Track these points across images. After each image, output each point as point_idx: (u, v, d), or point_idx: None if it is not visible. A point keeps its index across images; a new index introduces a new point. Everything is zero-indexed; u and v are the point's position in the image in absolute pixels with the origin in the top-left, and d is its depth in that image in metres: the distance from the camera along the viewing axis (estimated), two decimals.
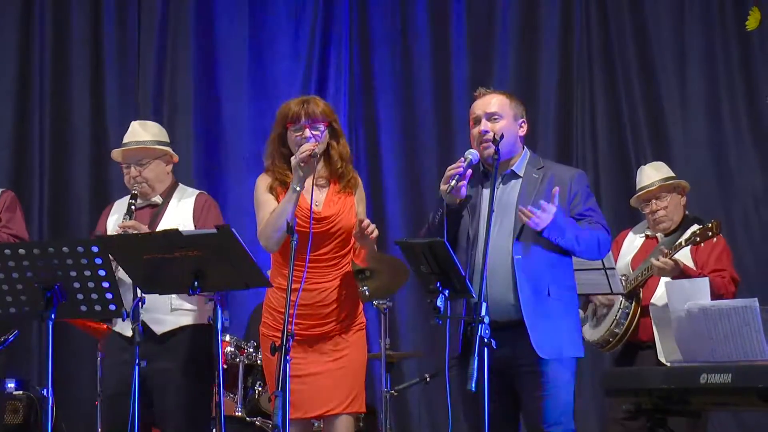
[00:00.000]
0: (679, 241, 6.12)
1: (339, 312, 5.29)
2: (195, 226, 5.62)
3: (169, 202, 5.79)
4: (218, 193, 8.68)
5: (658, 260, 6.04)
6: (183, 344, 5.61)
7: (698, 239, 6.04)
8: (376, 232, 5.20)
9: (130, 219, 5.57)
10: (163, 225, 5.61)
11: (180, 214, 5.72)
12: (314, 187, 5.25)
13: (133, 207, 5.63)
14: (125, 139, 5.87)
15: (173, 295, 5.55)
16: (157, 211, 5.75)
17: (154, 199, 5.79)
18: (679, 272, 6.01)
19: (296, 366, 5.11)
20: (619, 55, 8.33)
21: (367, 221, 5.18)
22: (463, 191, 4.97)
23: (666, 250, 6.06)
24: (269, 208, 5.29)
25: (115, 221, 5.70)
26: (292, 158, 5.16)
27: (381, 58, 8.82)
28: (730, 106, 8.10)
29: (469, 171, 4.96)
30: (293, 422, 4.99)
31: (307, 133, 5.25)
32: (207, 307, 5.67)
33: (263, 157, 5.48)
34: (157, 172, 5.80)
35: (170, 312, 5.60)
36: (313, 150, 5.15)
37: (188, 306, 5.63)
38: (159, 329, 5.56)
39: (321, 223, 5.26)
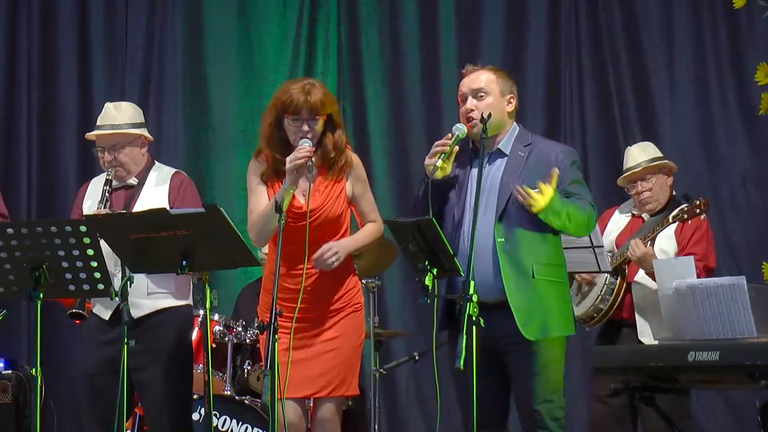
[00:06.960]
0: (667, 217, 6.12)
1: (331, 295, 5.28)
2: (170, 207, 5.48)
3: (144, 183, 5.73)
4: (206, 172, 8.67)
5: (635, 242, 6.07)
6: (160, 325, 5.58)
7: (686, 216, 6.04)
8: (331, 260, 5.17)
9: (104, 206, 5.54)
10: (138, 207, 5.57)
11: (155, 195, 5.66)
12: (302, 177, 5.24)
13: (107, 194, 5.59)
14: (99, 122, 5.79)
15: (148, 279, 5.53)
16: (133, 192, 5.70)
17: (129, 181, 5.74)
18: (647, 262, 6.01)
19: (287, 347, 5.11)
20: (607, 32, 8.31)
21: (324, 250, 5.18)
22: (448, 168, 4.95)
23: (646, 234, 6.10)
24: (259, 199, 5.27)
25: (89, 207, 5.66)
26: (287, 159, 5.11)
27: (369, 38, 8.78)
28: (718, 84, 8.09)
29: (457, 147, 4.95)
30: (285, 401, 5.00)
31: (305, 127, 5.20)
32: (183, 290, 5.68)
33: (258, 134, 5.44)
34: (131, 155, 5.72)
35: (146, 296, 5.57)
36: (309, 157, 5.11)
37: (164, 289, 5.61)
38: (136, 313, 5.45)
39: (305, 218, 5.19)
